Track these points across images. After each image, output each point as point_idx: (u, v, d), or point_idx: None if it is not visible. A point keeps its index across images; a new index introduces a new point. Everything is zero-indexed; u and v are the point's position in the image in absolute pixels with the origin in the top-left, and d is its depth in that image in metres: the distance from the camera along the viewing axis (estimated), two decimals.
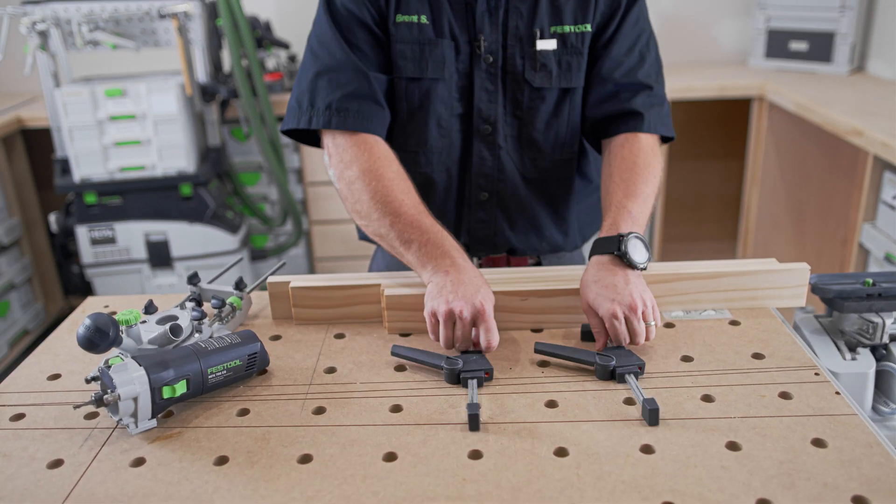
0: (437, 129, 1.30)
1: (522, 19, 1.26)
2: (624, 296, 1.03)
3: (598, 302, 1.04)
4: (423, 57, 1.26)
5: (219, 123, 2.82)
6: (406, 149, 1.32)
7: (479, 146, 1.31)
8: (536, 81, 1.28)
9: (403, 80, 1.28)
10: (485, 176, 1.33)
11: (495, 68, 1.27)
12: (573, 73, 1.29)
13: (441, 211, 1.35)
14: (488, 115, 1.29)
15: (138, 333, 1.01)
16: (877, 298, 1.18)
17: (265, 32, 2.89)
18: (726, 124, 3.29)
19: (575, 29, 1.27)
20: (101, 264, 2.73)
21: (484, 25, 1.25)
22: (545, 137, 1.32)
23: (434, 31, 1.25)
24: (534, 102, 1.29)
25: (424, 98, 1.28)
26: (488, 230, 1.36)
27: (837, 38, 2.97)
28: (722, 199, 3.52)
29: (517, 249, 1.39)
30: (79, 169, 2.60)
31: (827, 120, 2.40)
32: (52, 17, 2.50)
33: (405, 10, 1.25)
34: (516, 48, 1.26)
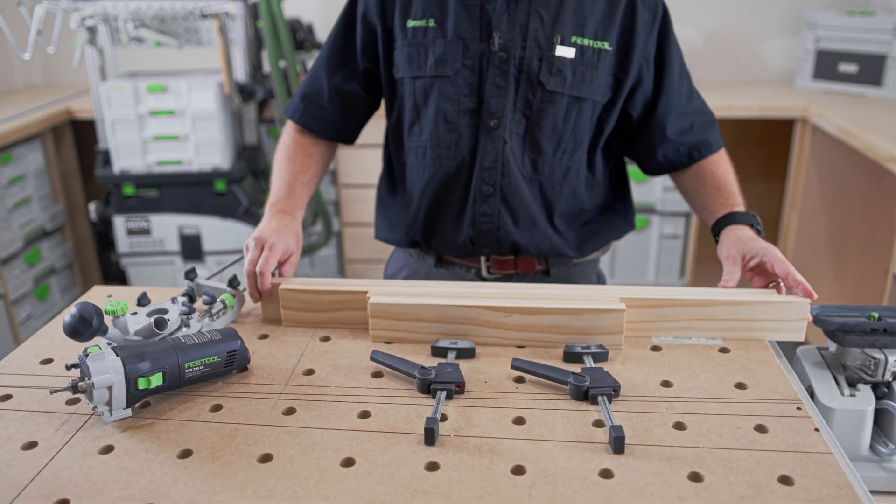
0: (444, 125, 1.35)
1: (544, 25, 1.30)
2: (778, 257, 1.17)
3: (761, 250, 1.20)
4: (425, 56, 1.33)
5: (256, 122, 2.87)
6: (416, 144, 1.39)
7: (485, 140, 1.35)
8: (550, 84, 1.31)
9: (406, 79, 1.36)
10: (488, 170, 1.36)
11: (507, 66, 1.31)
12: (585, 85, 1.32)
13: (448, 204, 1.40)
14: (496, 110, 1.33)
15: (125, 324, 1.04)
16: (881, 334, 1.14)
17: (307, 35, 2.93)
18: (768, 145, 3.22)
19: (594, 44, 1.31)
20: (135, 254, 2.81)
21: (501, 24, 1.30)
22: (549, 141, 1.35)
23: (439, 31, 1.32)
24: (544, 105, 1.33)
25: (427, 95, 1.35)
26: (491, 224, 1.39)
27: (889, 62, 2.88)
28: (761, 221, 3.43)
29: (521, 247, 1.41)
30: (119, 161, 2.68)
31: (867, 145, 2.32)
32: (101, 13, 2.58)
33: (416, 14, 1.33)
34: (535, 50, 1.30)
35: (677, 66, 1.38)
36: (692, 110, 1.42)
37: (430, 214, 1.41)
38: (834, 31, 2.99)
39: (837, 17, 2.97)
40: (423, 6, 1.32)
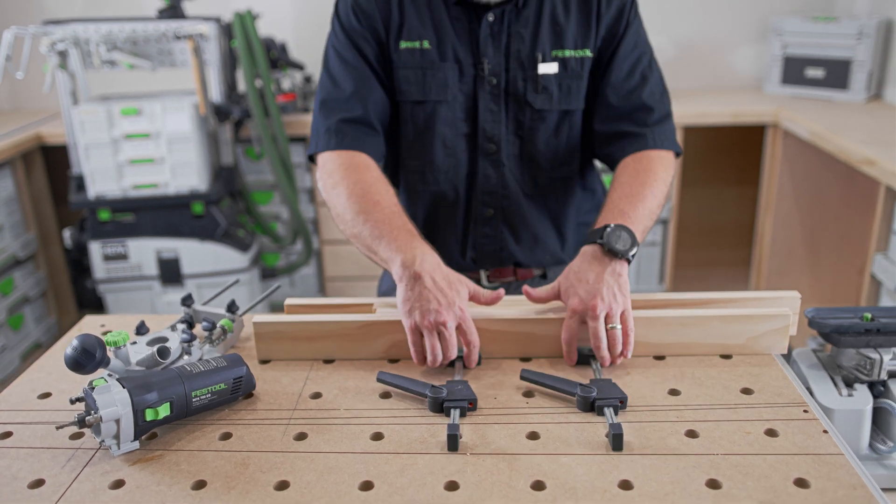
0: (442, 149, 1.35)
1: (524, 43, 1.30)
2: (590, 289, 1.06)
3: (567, 294, 1.08)
4: (425, 80, 1.31)
5: (232, 143, 2.85)
6: (414, 168, 1.38)
7: (484, 164, 1.35)
8: (538, 104, 1.32)
9: (408, 103, 1.33)
10: (489, 193, 1.37)
11: (499, 90, 1.31)
12: (573, 96, 1.34)
13: (448, 226, 1.40)
14: (493, 135, 1.33)
15: (126, 355, 1.02)
16: (875, 334, 1.16)
17: (281, 54, 2.92)
18: (741, 150, 3.27)
19: (575, 54, 1.32)
20: (113, 280, 2.76)
21: (487, 48, 1.30)
22: (545, 156, 1.36)
23: (438, 54, 1.30)
24: (535, 123, 1.33)
25: (429, 120, 1.33)
26: (494, 245, 1.40)
27: (854, 66, 2.95)
28: (736, 225, 3.49)
29: (522, 263, 1.42)
30: (93, 186, 2.64)
31: (840, 148, 2.38)
32: (72, 37, 2.55)
33: (408, 36, 1.30)
34: (518, 71, 1.31)
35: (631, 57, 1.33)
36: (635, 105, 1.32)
37: (429, 236, 1.39)
38: (800, 38, 3.06)
39: (803, 24, 3.04)
40: (416, 28, 1.30)
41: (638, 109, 1.31)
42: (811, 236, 3.05)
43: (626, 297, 1.08)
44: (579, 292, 1.07)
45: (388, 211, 1.15)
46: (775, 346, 1.11)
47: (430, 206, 1.39)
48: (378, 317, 1.12)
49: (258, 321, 1.12)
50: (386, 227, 1.13)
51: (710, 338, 1.10)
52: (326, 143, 1.27)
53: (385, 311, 1.14)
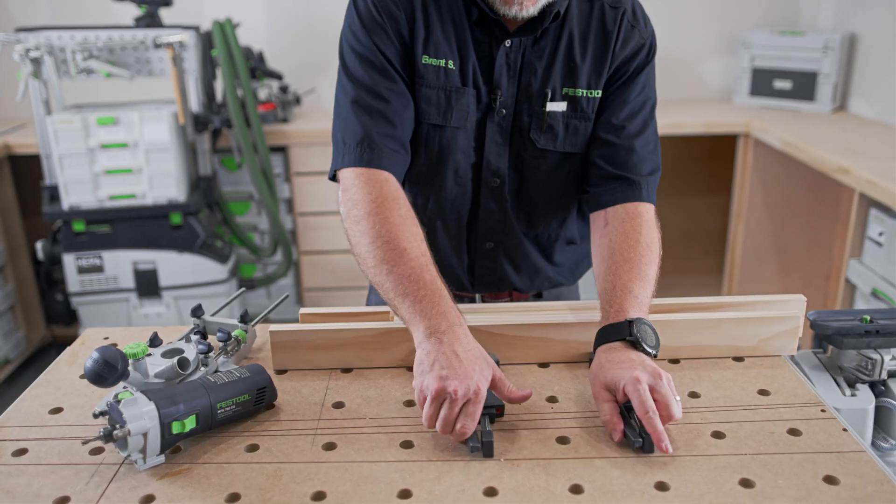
0: (454, 178, 1.28)
1: (536, 77, 1.23)
2: (646, 366, 0.96)
3: (618, 376, 0.95)
4: (448, 105, 1.22)
5: (210, 153, 2.81)
6: (422, 193, 1.31)
7: (487, 198, 1.29)
8: (541, 142, 1.25)
9: (426, 125, 1.24)
10: (491, 228, 1.33)
11: (507, 122, 1.25)
12: (579, 138, 1.26)
13: (448, 255, 1.35)
14: (497, 168, 1.27)
15: (145, 367, 1.00)
16: (875, 335, 1.20)
17: (258, 63, 2.90)
18: (713, 160, 3.35)
19: (587, 93, 1.24)
20: (87, 293, 2.70)
21: (502, 78, 1.22)
22: (541, 196, 1.31)
23: (461, 78, 1.22)
24: (535, 161, 1.27)
25: (446, 146, 1.25)
26: (493, 276, 1.38)
27: (820, 78, 3.04)
28: (708, 233, 3.57)
29: (521, 290, 1.42)
30: (68, 197, 2.58)
31: (814, 158, 2.45)
32: (46, 44, 2.49)
33: (433, 52, 1.20)
34: (525, 105, 1.24)
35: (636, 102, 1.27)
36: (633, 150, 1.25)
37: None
38: (768, 50, 3.15)
39: (770, 37, 3.13)
40: (441, 44, 1.20)
41: (633, 155, 1.24)
42: (781, 243, 3.13)
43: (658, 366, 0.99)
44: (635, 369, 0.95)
45: (415, 263, 1.04)
46: (785, 348, 1.14)
47: (432, 234, 1.32)
48: (396, 324, 1.11)
49: (275, 330, 1.11)
50: (413, 285, 1.02)
51: (723, 340, 1.13)
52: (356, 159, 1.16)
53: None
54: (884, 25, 2.86)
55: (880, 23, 2.88)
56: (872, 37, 2.94)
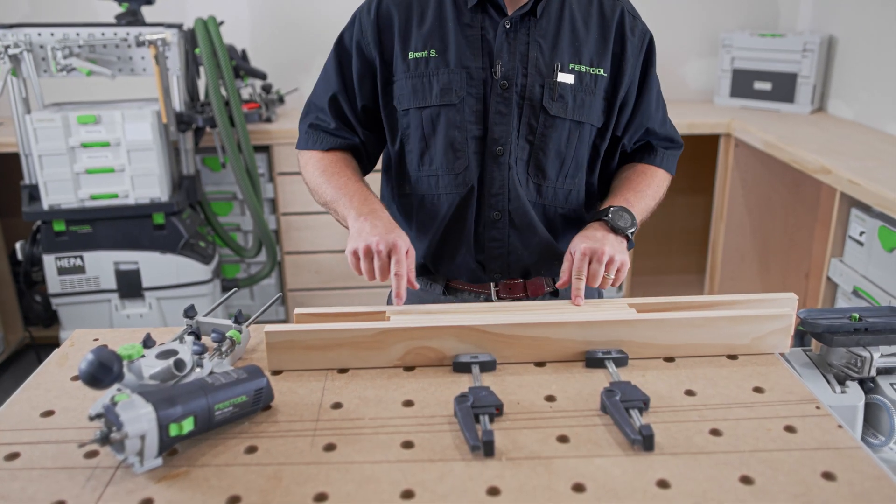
0: (452, 153, 1.37)
1: (543, 52, 1.34)
2: (595, 242, 1.27)
3: (574, 244, 1.29)
4: (430, 86, 1.35)
5: (193, 152, 2.79)
6: (427, 173, 1.40)
7: (492, 167, 1.37)
8: (553, 110, 1.35)
9: (414, 110, 1.37)
10: (496, 196, 1.39)
11: (510, 93, 1.34)
12: (585, 109, 1.37)
13: (461, 231, 1.41)
14: (500, 137, 1.35)
15: (139, 368, 0.99)
16: (864, 333, 1.22)
17: (241, 62, 2.88)
18: (694, 160, 3.37)
19: (591, 70, 1.37)
20: (68, 294, 2.66)
21: (502, 52, 1.33)
22: (552, 165, 1.39)
23: (443, 62, 1.34)
24: (547, 130, 1.37)
25: (435, 123, 1.36)
26: (502, 248, 1.42)
27: (799, 79, 3.08)
28: (690, 233, 3.60)
29: (531, 270, 1.44)
30: (48, 196, 2.54)
31: (795, 158, 2.48)
32: (26, 41, 2.45)
33: (416, 46, 1.35)
34: (536, 77, 1.34)
35: (655, 92, 1.45)
36: (661, 136, 1.49)
37: (442, 240, 1.41)
38: (748, 52, 3.19)
39: (750, 39, 3.17)
40: (423, 38, 1.34)
41: (664, 139, 1.50)
42: (761, 242, 3.17)
43: (626, 256, 1.29)
44: (588, 242, 1.27)
45: (346, 177, 1.36)
46: (778, 346, 1.15)
47: (444, 210, 1.40)
48: (392, 324, 1.11)
49: (270, 330, 1.10)
50: (345, 189, 1.33)
51: (717, 338, 1.14)
52: (313, 142, 1.44)
53: (399, 318, 1.14)
54: (861, 28, 2.90)
55: (858, 25, 2.93)
56: (850, 39, 2.99)
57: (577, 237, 1.31)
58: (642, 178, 1.44)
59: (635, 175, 1.45)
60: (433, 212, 1.41)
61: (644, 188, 1.42)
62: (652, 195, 1.43)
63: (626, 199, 1.38)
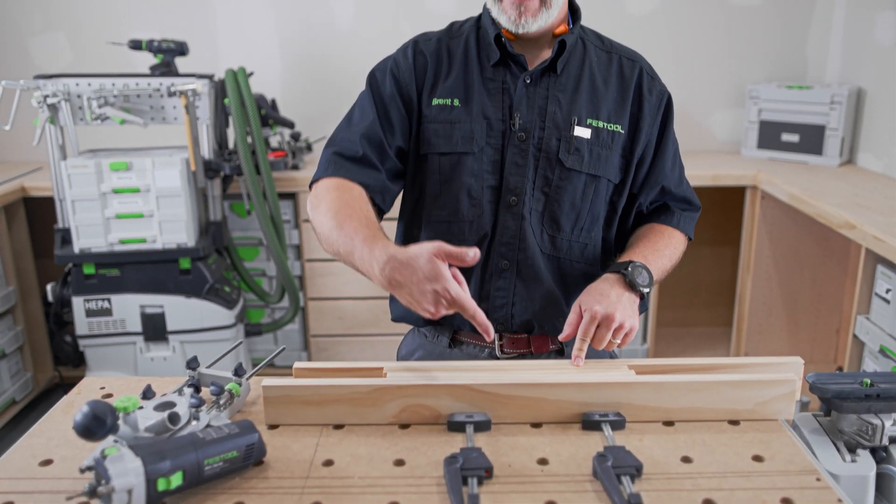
0: (467, 200, 1.40)
1: (561, 107, 1.39)
2: (608, 305, 1.25)
3: (585, 300, 1.27)
4: (452, 133, 1.39)
5: (221, 198, 2.85)
6: (439, 219, 1.42)
7: (505, 216, 1.40)
8: (569, 162, 1.38)
9: (434, 154, 1.41)
10: (506, 244, 1.40)
11: (527, 145, 1.38)
12: (602, 164, 1.40)
13: (467, 277, 1.39)
14: (515, 187, 1.38)
15: (135, 421, 1.00)
16: (875, 399, 1.18)
17: (270, 111, 2.95)
18: (721, 211, 3.35)
19: (608, 126, 1.40)
20: (95, 336, 2.71)
21: (521, 105, 1.38)
22: (567, 218, 1.41)
23: (464, 111, 1.39)
24: (562, 182, 1.39)
25: (454, 170, 1.40)
26: (506, 299, 1.42)
27: (828, 132, 3.05)
28: (716, 284, 3.55)
29: (534, 324, 1.43)
30: (79, 240, 2.61)
31: (820, 212, 2.44)
32: (64, 91, 2.55)
33: (441, 94, 1.40)
34: (553, 131, 1.38)
35: (672, 151, 1.47)
36: (678, 196, 1.50)
37: None
38: (775, 104, 3.17)
39: (778, 91, 3.16)
40: (448, 87, 1.40)
41: (681, 200, 1.51)
42: (789, 296, 3.11)
43: (636, 320, 1.28)
44: (601, 303, 1.25)
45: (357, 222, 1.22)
46: (782, 412, 1.13)
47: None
48: (389, 381, 1.11)
49: (268, 385, 1.11)
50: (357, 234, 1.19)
51: (718, 403, 1.12)
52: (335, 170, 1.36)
53: (396, 375, 1.14)
54: (890, 80, 2.87)
55: (886, 78, 2.90)
56: (879, 91, 2.96)
57: (590, 292, 1.30)
58: (660, 237, 1.44)
59: (653, 234, 1.45)
60: None
61: (662, 247, 1.42)
62: (669, 255, 1.43)
63: (643, 255, 1.37)
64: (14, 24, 3.26)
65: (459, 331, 1.47)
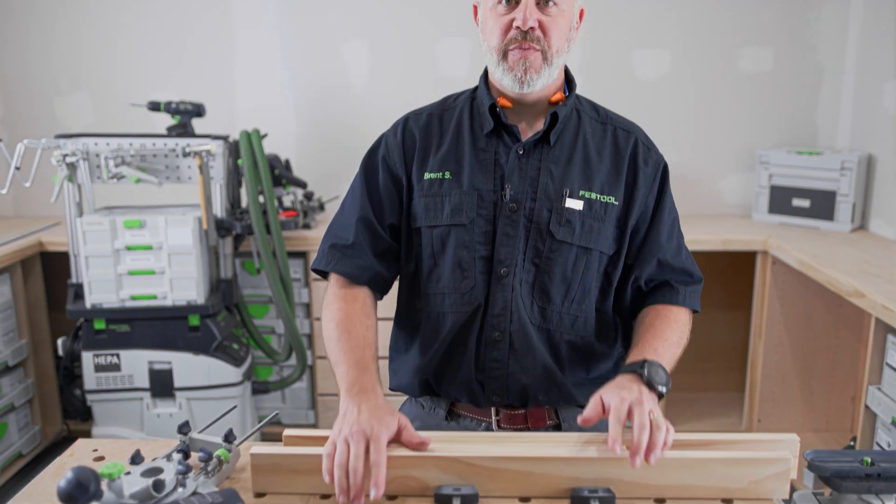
0: (459, 272, 1.40)
1: (553, 179, 1.39)
2: (632, 395, 1.15)
3: (606, 393, 1.17)
4: (442, 206, 1.40)
5: (232, 256, 2.88)
6: (435, 291, 1.42)
7: (496, 287, 1.39)
8: (559, 234, 1.38)
9: (426, 228, 1.42)
10: (498, 316, 1.39)
11: (518, 216, 1.38)
12: (594, 236, 1.40)
13: (463, 348, 1.41)
14: (505, 258, 1.38)
15: (120, 487, 1.01)
16: (876, 479, 1.15)
17: (284, 171, 3.01)
18: (732, 275, 3.33)
19: (602, 198, 1.40)
20: (103, 390, 2.73)
21: (513, 176, 1.39)
22: (558, 290, 1.40)
23: (455, 183, 1.40)
24: (553, 254, 1.38)
25: (445, 242, 1.40)
26: (501, 370, 1.41)
27: (839, 198, 3.05)
28: (728, 349, 3.50)
29: (529, 394, 1.41)
30: (91, 295, 2.64)
31: (829, 279, 2.43)
32: (83, 150, 2.63)
33: (432, 168, 1.43)
34: (545, 202, 1.38)
35: (668, 221, 1.45)
36: (677, 268, 1.47)
37: (445, 358, 1.43)
38: (785, 169, 3.18)
39: (788, 156, 3.17)
40: (439, 160, 1.42)
41: (680, 272, 1.46)
42: (803, 363, 3.06)
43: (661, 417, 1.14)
44: (622, 395, 1.16)
45: (353, 343, 1.32)
46: (777, 491, 1.10)
47: (448, 328, 1.41)
48: None
49: (256, 452, 1.11)
50: (346, 358, 1.30)
51: (711, 480, 1.10)
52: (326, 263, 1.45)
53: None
54: None
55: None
56: (889, 158, 2.96)
57: (609, 387, 1.20)
58: (666, 325, 1.39)
59: (659, 321, 1.40)
60: (438, 329, 1.43)
61: (670, 335, 1.37)
62: (677, 342, 1.38)
63: (654, 349, 1.31)
64: (42, 83, 3.38)
65: (456, 403, 1.46)
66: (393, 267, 1.48)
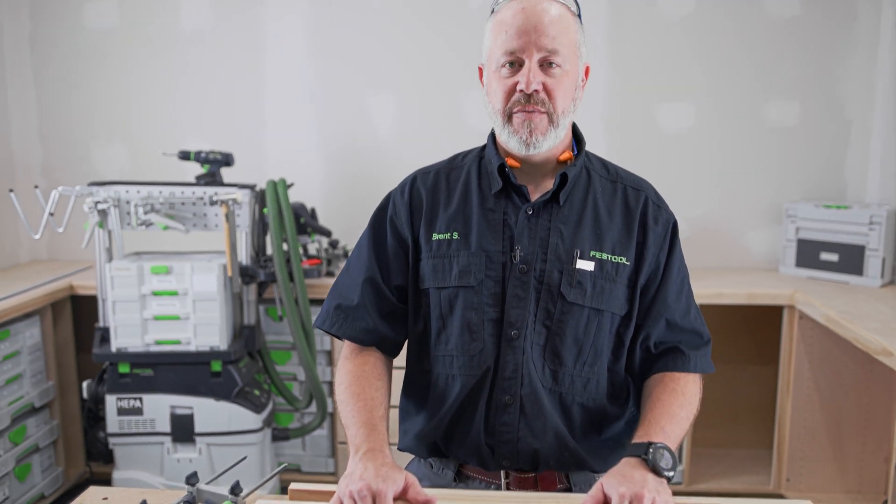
0: (468, 334, 1.38)
1: (563, 240, 1.38)
2: (634, 485, 1.13)
3: (608, 482, 1.16)
4: (450, 268, 1.39)
5: (256, 303, 2.92)
6: (444, 353, 1.40)
7: (506, 350, 1.36)
8: (571, 296, 1.36)
9: (432, 289, 1.41)
10: (508, 379, 1.36)
11: (528, 278, 1.36)
12: (605, 297, 1.37)
13: (472, 411, 1.39)
14: (516, 320, 1.36)
15: None
16: None
17: (309, 219, 3.05)
18: (760, 329, 3.28)
19: (613, 258, 1.38)
20: (125, 434, 2.75)
21: (523, 237, 1.37)
22: (569, 352, 1.37)
23: (463, 244, 1.39)
24: (564, 316, 1.36)
25: (453, 304, 1.39)
26: (511, 434, 1.38)
27: (867, 252, 3.00)
28: (756, 405, 3.42)
29: (539, 459, 1.38)
30: (117, 339, 2.69)
31: (856, 336, 2.38)
32: (114, 198, 2.70)
33: (440, 228, 1.42)
34: (555, 263, 1.37)
35: (677, 281, 1.43)
36: (686, 329, 1.43)
37: (454, 421, 1.40)
38: (813, 223, 3.14)
39: (815, 210, 3.14)
40: (447, 221, 1.41)
41: (689, 333, 1.43)
42: (834, 420, 2.98)
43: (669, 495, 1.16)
44: (625, 484, 1.14)
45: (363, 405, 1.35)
46: None
47: (457, 391, 1.39)
48: None
49: None
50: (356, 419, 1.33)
51: None
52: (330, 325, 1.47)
53: None
54: None
55: None
56: None
57: (612, 474, 1.19)
58: (674, 397, 1.35)
59: (667, 395, 1.35)
60: (447, 391, 1.41)
61: (677, 409, 1.33)
62: (686, 416, 1.35)
63: (661, 427, 1.28)
64: (79, 131, 3.49)
65: (465, 464, 1.44)
66: (400, 328, 1.47)
